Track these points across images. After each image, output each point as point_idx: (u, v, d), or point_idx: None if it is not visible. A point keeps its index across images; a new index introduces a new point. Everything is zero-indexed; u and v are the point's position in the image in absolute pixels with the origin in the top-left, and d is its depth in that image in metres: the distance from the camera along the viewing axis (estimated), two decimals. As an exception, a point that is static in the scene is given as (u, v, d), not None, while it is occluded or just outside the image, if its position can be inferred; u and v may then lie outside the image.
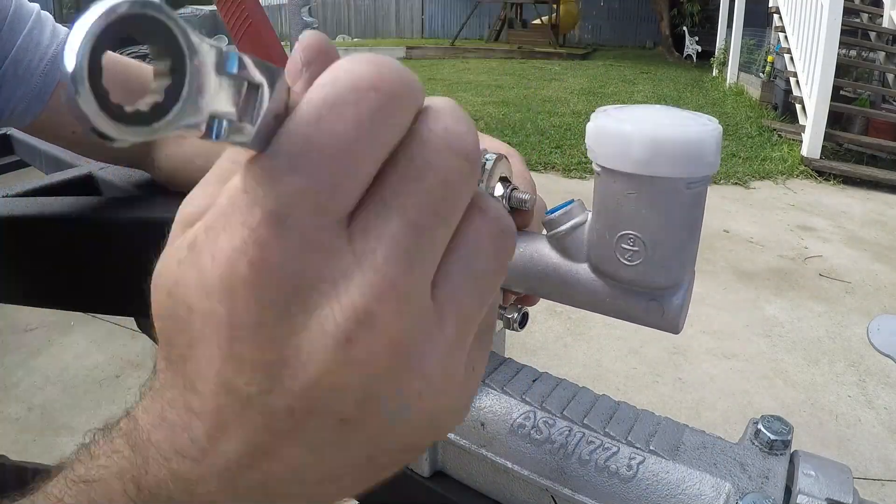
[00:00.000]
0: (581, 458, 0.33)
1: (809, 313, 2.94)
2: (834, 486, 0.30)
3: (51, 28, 0.59)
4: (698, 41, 12.32)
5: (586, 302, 0.33)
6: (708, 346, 2.65)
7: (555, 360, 2.52)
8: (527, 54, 12.80)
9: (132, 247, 0.59)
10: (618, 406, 0.36)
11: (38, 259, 0.64)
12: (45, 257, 0.63)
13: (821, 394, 2.35)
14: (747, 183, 4.94)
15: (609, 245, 0.31)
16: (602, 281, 0.32)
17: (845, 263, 3.50)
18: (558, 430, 0.35)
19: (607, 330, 2.67)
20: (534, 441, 0.35)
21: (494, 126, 6.47)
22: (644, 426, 0.35)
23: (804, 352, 2.63)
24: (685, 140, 0.27)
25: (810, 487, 0.30)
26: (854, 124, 5.62)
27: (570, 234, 0.33)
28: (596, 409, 0.36)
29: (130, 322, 0.71)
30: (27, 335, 2.67)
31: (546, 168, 5.17)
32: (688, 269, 0.31)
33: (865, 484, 1.90)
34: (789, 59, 6.00)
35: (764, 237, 3.85)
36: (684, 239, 0.30)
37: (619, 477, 0.32)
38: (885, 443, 2.09)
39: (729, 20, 9.01)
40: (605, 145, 0.29)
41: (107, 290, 0.63)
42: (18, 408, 2.21)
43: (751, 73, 8.36)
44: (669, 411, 2.04)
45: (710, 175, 0.28)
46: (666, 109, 0.29)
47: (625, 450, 0.33)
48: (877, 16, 6.13)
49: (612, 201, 0.30)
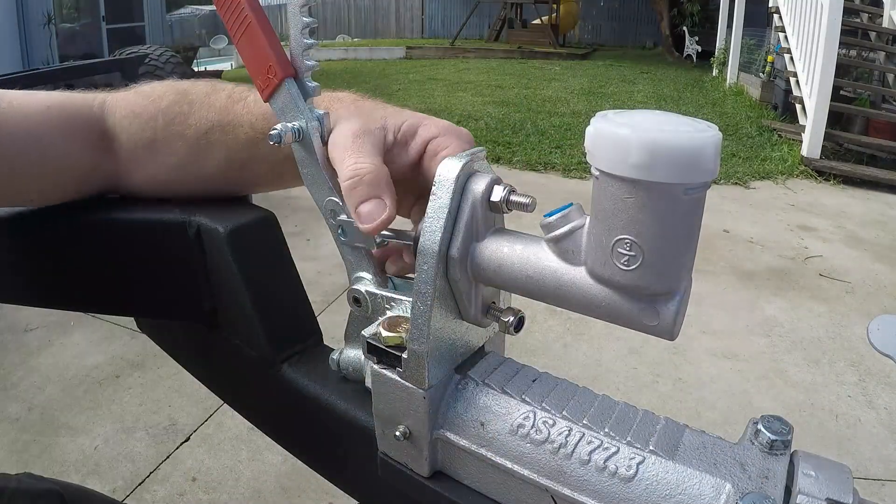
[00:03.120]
0: (581, 458, 0.33)
1: (809, 313, 2.94)
2: (834, 486, 0.30)
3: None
4: (698, 41, 12.32)
5: (582, 306, 0.33)
6: (708, 346, 2.65)
7: (555, 360, 2.52)
8: (527, 54, 12.79)
9: (132, 247, 0.59)
10: (617, 406, 0.36)
11: (38, 259, 0.64)
12: (45, 257, 0.63)
13: (821, 394, 2.35)
14: (747, 183, 4.94)
15: (606, 249, 0.31)
16: (599, 285, 0.32)
17: (845, 263, 3.50)
18: (558, 430, 0.35)
19: (607, 330, 2.67)
20: (534, 441, 0.35)
21: (494, 126, 6.47)
22: (644, 426, 0.35)
23: (804, 352, 2.63)
24: (684, 146, 0.27)
25: (810, 487, 0.30)
26: (854, 124, 5.62)
27: (567, 238, 0.33)
28: (596, 409, 0.36)
29: (130, 322, 0.71)
30: (27, 335, 2.67)
31: (546, 168, 5.17)
32: (684, 276, 0.31)
33: (865, 484, 1.90)
34: (789, 59, 6.00)
35: (764, 237, 3.85)
36: (681, 245, 0.30)
37: (619, 477, 0.32)
38: (885, 443, 2.09)
39: (729, 20, 9.01)
40: (604, 149, 0.29)
41: (107, 290, 0.63)
42: (18, 408, 2.21)
43: (751, 73, 8.35)
44: (669, 411, 2.05)
45: (709, 182, 0.28)
46: (665, 115, 0.29)
47: (625, 450, 0.33)
48: (877, 16, 6.13)
49: (610, 206, 0.30)
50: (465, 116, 6.90)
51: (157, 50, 6.47)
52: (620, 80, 9.87)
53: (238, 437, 2.07)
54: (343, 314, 0.45)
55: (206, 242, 0.53)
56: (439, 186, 0.36)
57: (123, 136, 0.57)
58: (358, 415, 0.45)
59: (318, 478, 0.51)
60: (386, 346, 0.39)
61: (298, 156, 0.45)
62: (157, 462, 1.98)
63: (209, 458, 1.99)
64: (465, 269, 0.36)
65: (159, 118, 0.56)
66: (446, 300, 0.37)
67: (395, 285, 0.46)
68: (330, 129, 0.45)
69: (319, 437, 0.50)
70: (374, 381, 0.40)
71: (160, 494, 1.85)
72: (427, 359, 0.36)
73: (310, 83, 0.44)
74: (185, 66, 7.00)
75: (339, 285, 3.04)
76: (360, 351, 0.44)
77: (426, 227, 0.36)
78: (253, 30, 0.43)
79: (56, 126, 0.55)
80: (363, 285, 0.44)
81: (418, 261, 0.36)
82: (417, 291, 0.36)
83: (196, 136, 0.55)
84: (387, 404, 0.39)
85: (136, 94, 0.59)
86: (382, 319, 0.41)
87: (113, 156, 0.58)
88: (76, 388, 2.33)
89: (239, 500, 1.84)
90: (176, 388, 2.32)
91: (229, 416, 2.13)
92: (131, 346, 2.57)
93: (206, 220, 0.53)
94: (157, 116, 0.56)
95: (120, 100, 0.59)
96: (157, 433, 2.10)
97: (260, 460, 1.99)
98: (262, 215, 0.55)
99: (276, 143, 0.42)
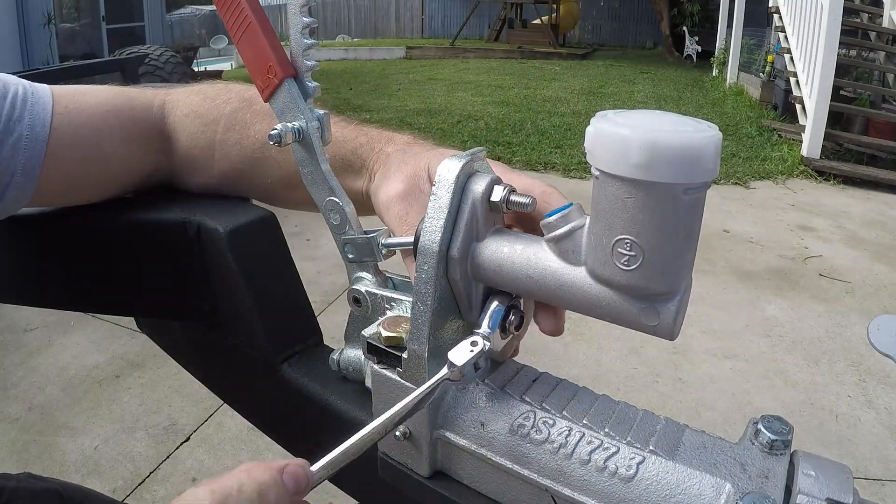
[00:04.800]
0: (581, 458, 0.33)
1: (809, 313, 2.94)
2: (834, 486, 0.30)
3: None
4: (698, 41, 12.31)
5: (582, 306, 0.33)
6: (708, 346, 2.65)
7: (555, 359, 2.52)
8: (527, 54, 12.79)
9: (132, 247, 0.59)
10: (618, 406, 0.36)
11: (38, 259, 0.64)
12: (46, 257, 0.63)
13: (821, 394, 2.35)
14: (747, 183, 4.94)
15: (606, 249, 0.31)
16: (599, 285, 0.32)
17: (845, 263, 3.50)
18: (558, 430, 0.35)
19: (607, 330, 2.67)
20: (534, 441, 0.35)
21: (494, 126, 6.47)
22: (644, 426, 0.35)
23: (804, 352, 2.63)
24: (684, 146, 0.27)
25: (810, 487, 0.30)
26: (854, 124, 5.62)
27: (567, 238, 0.33)
28: (596, 409, 0.36)
29: (130, 322, 0.71)
30: (27, 335, 2.67)
31: (546, 168, 5.17)
32: (684, 276, 0.31)
33: (865, 484, 1.90)
34: (789, 59, 6.00)
35: (764, 237, 3.85)
36: (681, 245, 0.30)
37: (619, 477, 0.32)
38: (885, 443, 2.09)
39: (729, 20, 9.01)
40: (604, 149, 0.29)
41: (107, 290, 0.63)
42: (18, 408, 2.21)
43: (751, 73, 8.35)
44: (669, 411, 2.04)
45: (709, 182, 0.28)
46: (666, 115, 0.29)
47: (625, 450, 0.33)
48: (877, 16, 6.12)
49: (610, 205, 0.30)
50: (465, 116, 6.90)
51: (157, 50, 6.46)
52: (620, 80, 9.87)
53: (238, 437, 2.07)
54: (343, 314, 0.45)
55: (206, 242, 0.53)
56: (439, 186, 0.36)
57: (182, 135, 0.57)
58: (358, 415, 0.45)
59: (318, 478, 0.51)
60: (386, 346, 0.39)
61: (298, 156, 0.45)
62: (157, 462, 1.97)
63: (209, 459, 1.99)
64: (465, 269, 0.36)
65: (221, 122, 0.56)
66: (446, 300, 0.37)
67: (395, 285, 0.46)
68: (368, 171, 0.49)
69: (319, 437, 0.50)
70: (374, 381, 0.40)
71: (160, 494, 1.85)
72: (427, 359, 0.36)
73: (310, 83, 0.44)
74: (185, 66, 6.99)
75: (339, 285, 3.04)
76: (360, 351, 0.44)
77: (426, 227, 0.36)
78: (253, 30, 0.43)
79: (119, 129, 0.55)
80: (363, 285, 0.44)
81: (418, 261, 0.36)
82: (417, 291, 0.36)
83: (252, 147, 0.55)
84: (387, 404, 0.39)
85: (198, 94, 0.59)
86: (382, 319, 0.41)
87: (171, 156, 0.58)
88: (76, 388, 2.33)
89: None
90: (176, 388, 2.31)
91: (229, 416, 2.13)
92: (131, 346, 2.57)
93: (206, 220, 0.53)
94: (220, 120, 0.56)
95: (181, 98, 0.59)
96: (157, 433, 2.10)
97: (260, 460, 1.98)
98: (262, 215, 0.55)
99: (275, 143, 0.42)
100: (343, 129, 0.54)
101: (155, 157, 0.58)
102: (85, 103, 0.54)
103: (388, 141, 0.52)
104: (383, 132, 0.53)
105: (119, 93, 0.57)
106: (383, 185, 0.47)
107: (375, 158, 0.50)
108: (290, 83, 0.44)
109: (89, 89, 0.56)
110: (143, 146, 0.57)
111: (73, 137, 0.52)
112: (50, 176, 0.51)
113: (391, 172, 0.47)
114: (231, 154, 0.56)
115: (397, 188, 0.46)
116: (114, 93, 0.57)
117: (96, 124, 0.54)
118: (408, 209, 0.44)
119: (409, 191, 0.45)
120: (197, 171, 0.59)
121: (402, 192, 0.45)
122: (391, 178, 0.47)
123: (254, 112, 0.56)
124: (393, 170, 0.47)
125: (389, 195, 0.46)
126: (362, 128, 0.54)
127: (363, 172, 0.51)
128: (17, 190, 0.50)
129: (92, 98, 0.55)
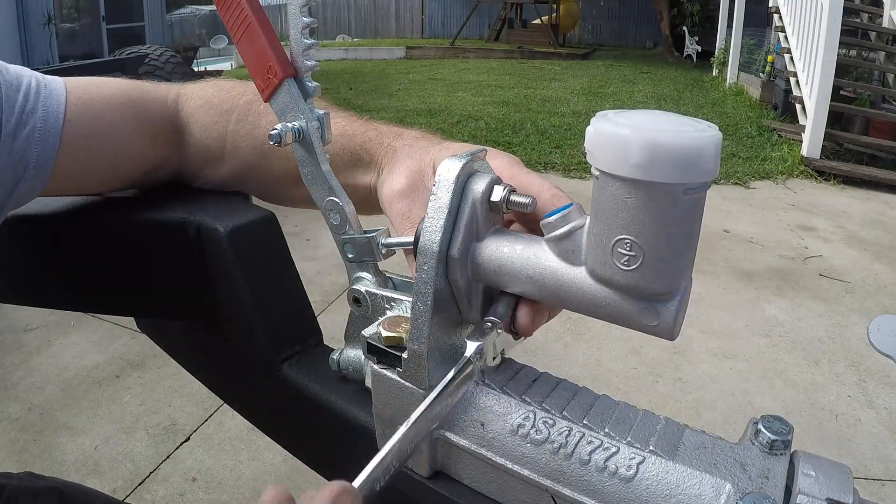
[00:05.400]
0: (581, 458, 0.33)
1: (809, 313, 2.94)
2: (834, 486, 0.30)
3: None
4: (698, 41, 12.31)
5: (582, 306, 0.33)
6: (708, 346, 2.65)
7: (555, 359, 2.52)
8: (527, 54, 12.79)
9: (132, 247, 0.59)
10: (617, 406, 0.36)
11: (38, 259, 0.63)
12: (46, 257, 0.63)
13: (821, 394, 2.35)
14: (747, 183, 4.94)
15: (606, 249, 0.31)
16: (599, 285, 0.32)
17: (845, 263, 3.50)
18: (558, 430, 0.35)
19: (607, 330, 2.67)
20: (534, 441, 0.35)
21: (494, 126, 6.47)
22: (644, 426, 0.35)
23: (804, 352, 2.63)
24: (684, 146, 0.27)
25: (810, 487, 0.30)
26: (854, 124, 5.62)
27: (567, 238, 0.33)
28: (596, 409, 0.36)
29: (130, 322, 0.71)
30: (27, 335, 2.67)
31: (546, 168, 5.17)
32: (684, 276, 0.31)
33: (865, 484, 1.90)
34: (789, 59, 6.00)
35: (764, 237, 3.85)
36: (681, 245, 0.30)
37: (619, 477, 0.32)
38: (885, 443, 2.09)
39: (729, 20, 9.01)
40: (604, 149, 0.29)
41: (107, 290, 0.63)
42: (18, 408, 2.21)
43: (751, 73, 8.35)
44: (669, 411, 2.05)
45: (709, 182, 0.28)
46: (666, 115, 0.29)
47: (625, 450, 0.33)
48: (877, 16, 6.13)
49: (610, 205, 0.30)
50: (465, 116, 6.90)
51: (157, 50, 6.47)
52: (620, 80, 9.87)
53: (238, 437, 2.07)
54: (343, 314, 0.45)
55: (206, 242, 0.53)
56: (439, 186, 0.36)
57: (195, 126, 0.57)
58: (358, 415, 0.45)
59: (318, 478, 0.51)
60: (386, 346, 0.39)
61: (298, 155, 0.45)
62: (157, 462, 1.97)
63: (209, 458, 1.99)
64: (465, 269, 0.36)
65: (234, 112, 0.56)
66: (446, 300, 0.37)
67: (395, 285, 0.46)
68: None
69: (319, 437, 0.50)
70: (374, 381, 0.40)
71: (160, 494, 1.85)
72: (427, 359, 0.36)
73: (310, 83, 0.44)
74: (185, 66, 6.99)
75: (339, 285, 3.04)
76: (360, 351, 0.44)
77: (426, 227, 0.35)
78: (253, 30, 0.43)
79: (133, 122, 0.55)
80: (363, 285, 0.44)
81: (418, 261, 0.36)
82: (417, 291, 0.36)
83: (263, 138, 0.55)
84: (387, 404, 0.39)
85: (213, 86, 0.59)
86: (382, 319, 0.41)
87: (183, 149, 0.58)
88: (76, 388, 2.33)
89: (239, 500, 1.84)
90: (176, 388, 2.31)
91: (229, 416, 2.13)
92: (131, 346, 2.57)
93: (206, 220, 0.53)
94: (233, 111, 0.56)
95: (196, 91, 0.59)
96: (157, 433, 2.10)
97: (260, 460, 1.98)
98: (262, 215, 0.55)
99: (275, 143, 0.42)
100: (352, 123, 0.53)
101: (167, 151, 0.58)
102: (98, 95, 0.54)
103: (397, 136, 0.52)
104: (392, 127, 0.53)
105: (133, 85, 0.57)
106: (387, 180, 0.47)
107: (384, 153, 0.50)
108: (290, 83, 0.44)
109: (103, 81, 0.56)
110: (155, 139, 0.56)
111: (87, 129, 0.52)
112: (62, 168, 0.51)
113: (396, 168, 0.47)
114: (241, 145, 0.56)
115: (400, 184, 0.45)
116: (128, 85, 0.57)
117: (110, 116, 0.54)
118: (410, 206, 0.44)
119: (412, 187, 0.45)
120: (208, 163, 0.58)
121: (406, 189, 0.45)
122: (395, 174, 0.47)
123: (267, 105, 0.56)
124: (398, 165, 0.47)
125: (393, 191, 0.46)
126: (371, 123, 0.54)
127: (372, 167, 0.51)
128: (30, 182, 0.50)
129: (106, 90, 0.55)
